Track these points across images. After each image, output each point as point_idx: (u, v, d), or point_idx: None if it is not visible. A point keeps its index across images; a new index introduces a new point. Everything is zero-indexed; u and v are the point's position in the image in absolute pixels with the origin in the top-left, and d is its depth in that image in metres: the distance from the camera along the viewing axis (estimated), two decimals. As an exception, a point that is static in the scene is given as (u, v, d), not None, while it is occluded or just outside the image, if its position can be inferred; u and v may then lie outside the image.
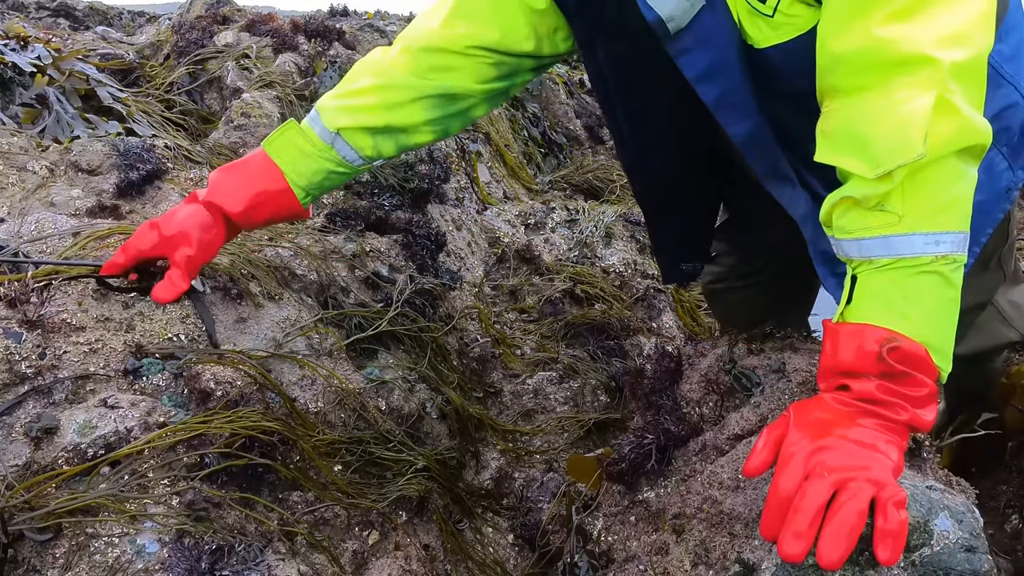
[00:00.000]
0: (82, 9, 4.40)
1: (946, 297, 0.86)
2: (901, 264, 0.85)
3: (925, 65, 0.83)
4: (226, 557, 1.18)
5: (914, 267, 0.85)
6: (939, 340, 0.86)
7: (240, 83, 2.72)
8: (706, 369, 1.46)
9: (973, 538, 0.85)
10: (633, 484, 1.39)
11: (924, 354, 0.83)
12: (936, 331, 0.86)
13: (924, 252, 0.84)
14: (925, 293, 0.86)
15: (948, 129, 0.82)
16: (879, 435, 0.82)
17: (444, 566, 1.60)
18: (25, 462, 1.19)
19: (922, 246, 0.84)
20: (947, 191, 0.85)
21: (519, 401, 2.22)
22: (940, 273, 0.85)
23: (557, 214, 3.19)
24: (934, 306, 0.86)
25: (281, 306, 1.77)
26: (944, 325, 0.87)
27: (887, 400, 0.83)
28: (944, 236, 0.84)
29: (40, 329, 1.36)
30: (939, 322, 0.86)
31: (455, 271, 2.48)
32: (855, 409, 0.84)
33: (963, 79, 0.83)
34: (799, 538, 0.75)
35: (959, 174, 0.85)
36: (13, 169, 1.86)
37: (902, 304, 0.85)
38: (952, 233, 0.84)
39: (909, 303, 0.85)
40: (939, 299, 0.86)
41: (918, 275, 0.85)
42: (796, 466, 0.80)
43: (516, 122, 4.36)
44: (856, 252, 0.90)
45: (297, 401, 1.55)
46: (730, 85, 1.10)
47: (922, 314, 0.85)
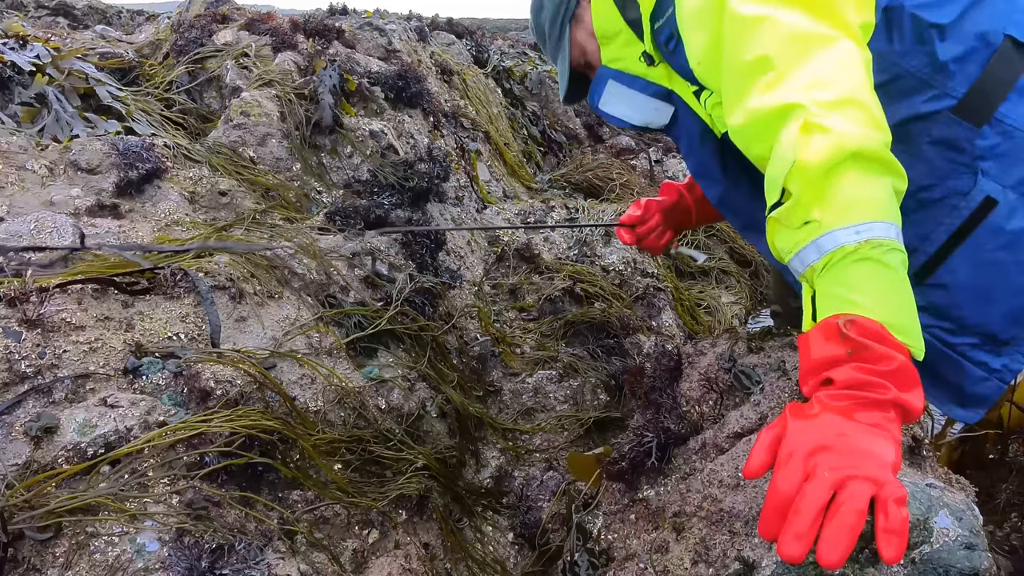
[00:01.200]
0: (81, 8, 4.39)
1: (887, 278, 0.92)
2: (835, 259, 0.93)
3: (792, 109, 1.00)
4: (226, 556, 1.18)
5: (845, 258, 0.92)
6: (893, 317, 0.89)
7: (239, 82, 2.71)
8: (706, 367, 1.46)
9: (973, 535, 0.85)
10: (633, 482, 1.39)
11: (880, 327, 0.88)
12: (886, 309, 0.90)
13: (846, 242, 0.92)
14: (864, 278, 0.92)
15: (823, 142, 0.95)
16: (876, 432, 0.82)
17: (444, 564, 1.60)
18: (25, 461, 1.19)
19: (843, 238, 0.93)
20: (853, 191, 0.95)
21: (519, 399, 2.22)
22: (870, 258, 0.91)
23: (557, 213, 3.20)
24: (876, 287, 0.91)
25: (281, 305, 1.77)
26: (893, 302, 0.91)
27: (867, 380, 0.85)
28: (862, 226, 0.93)
29: (40, 328, 1.36)
30: (886, 300, 0.91)
31: (455, 270, 2.48)
32: (847, 402, 0.85)
33: (838, 109, 0.97)
34: (799, 539, 0.76)
35: (862, 177, 0.95)
36: (12, 168, 1.86)
37: (847, 293, 0.92)
38: (869, 222, 0.93)
39: (852, 290, 0.91)
40: (880, 281, 0.92)
41: (852, 264, 0.92)
42: (795, 467, 0.80)
43: (516, 120, 4.36)
44: (800, 265, 0.99)
45: (297, 400, 1.55)
46: (700, 161, 1.44)
47: (868, 297, 0.90)
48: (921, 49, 1.19)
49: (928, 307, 1.27)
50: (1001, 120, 1.20)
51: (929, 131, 1.22)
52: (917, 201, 1.24)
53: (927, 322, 1.27)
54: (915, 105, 1.22)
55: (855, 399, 0.84)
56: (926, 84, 1.20)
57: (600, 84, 1.49)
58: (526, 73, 4.77)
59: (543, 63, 5.30)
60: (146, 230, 1.85)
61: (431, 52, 3.85)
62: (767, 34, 1.06)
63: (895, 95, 1.22)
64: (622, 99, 1.48)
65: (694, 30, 1.21)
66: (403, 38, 3.55)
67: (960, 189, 1.21)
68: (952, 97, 1.20)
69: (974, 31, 1.20)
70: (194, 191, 2.11)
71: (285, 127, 2.52)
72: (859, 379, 0.85)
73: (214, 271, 1.70)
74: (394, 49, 3.38)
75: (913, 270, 1.24)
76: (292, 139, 2.51)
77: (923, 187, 1.23)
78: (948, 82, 1.20)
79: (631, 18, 1.39)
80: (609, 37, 1.46)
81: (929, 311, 1.28)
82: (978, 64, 1.20)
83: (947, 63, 1.19)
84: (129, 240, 1.78)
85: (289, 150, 2.48)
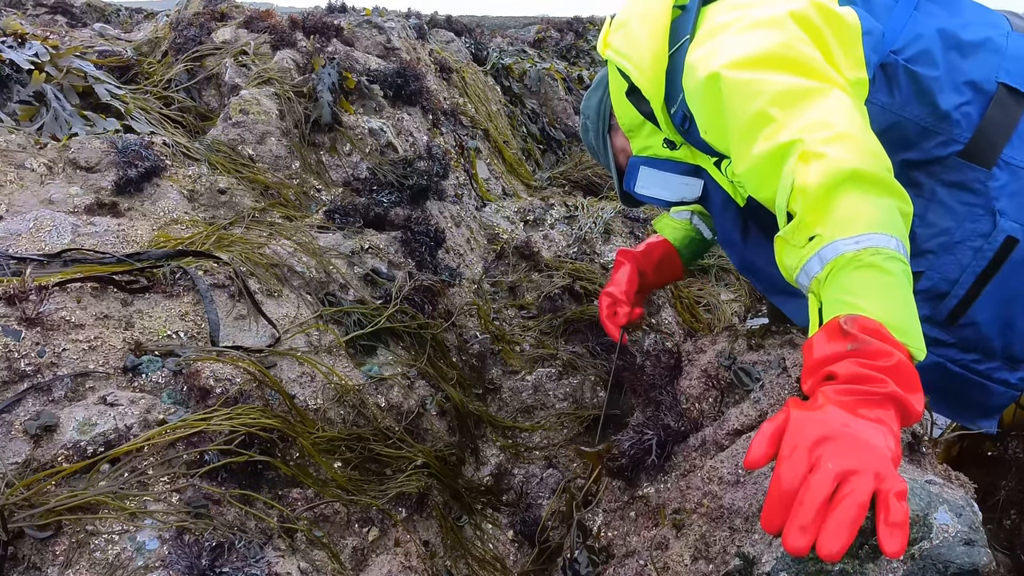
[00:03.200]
0: (79, 6, 4.38)
1: (884, 281, 0.95)
2: (836, 267, 0.98)
3: (791, 145, 1.08)
4: (226, 554, 1.18)
5: (846, 265, 0.97)
6: (892, 318, 0.92)
7: (238, 80, 2.71)
8: (706, 365, 1.46)
9: (972, 532, 0.85)
10: (633, 480, 1.39)
11: (879, 326, 0.90)
12: (885, 310, 0.92)
13: (846, 250, 0.97)
14: (864, 283, 0.96)
15: (819, 166, 1.02)
16: (878, 426, 0.82)
17: (444, 562, 1.60)
18: (25, 459, 1.19)
19: (843, 247, 0.98)
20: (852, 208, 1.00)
21: (518, 397, 2.22)
22: (870, 264, 0.95)
23: (556, 210, 3.19)
24: (875, 290, 0.95)
25: (280, 303, 1.77)
26: (892, 305, 0.94)
27: (867, 374, 0.86)
28: (860, 236, 0.97)
29: (39, 327, 1.36)
30: (886, 303, 0.94)
31: (454, 268, 2.48)
32: (851, 397, 0.86)
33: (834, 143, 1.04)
34: (804, 532, 0.76)
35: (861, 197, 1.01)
36: (11, 167, 1.86)
37: (848, 297, 0.95)
38: (867, 233, 0.97)
39: (853, 294, 0.95)
40: (877, 284, 0.95)
41: (853, 271, 0.96)
42: (799, 459, 0.80)
43: (515, 118, 4.36)
44: (805, 278, 1.04)
45: (296, 398, 1.55)
46: (722, 228, 1.54)
47: (868, 300, 0.94)
48: (921, 100, 1.28)
49: (958, 343, 1.37)
50: (1008, 162, 1.28)
51: (941, 175, 1.31)
52: (940, 245, 1.32)
53: (957, 357, 1.38)
54: (924, 150, 1.31)
55: (858, 394, 0.86)
56: (931, 132, 1.29)
57: (633, 171, 1.63)
58: (525, 71, 4.76)
59: (542, 61, 5.30)
60: (145, 228, 1.84)
61: (430, 50, 3.84)
62: (762, 93, 1.14)
63: (900, 142, 1.31)
64: (655, 181, 1.61)
65: (697, 104, 1.30)
66: (402, 36, 3.54)
67: (981, 231, 1.29)
68: (959, 143, 1.28)
69: (963, 80, 1.30)
70: (193, 189, 2.11)
71: (284, 125, 2.52)
72: (860, 373, 0.86)
73: (213, 269, 1.69)
74: (393, 47, 3.37)
75: (946, 313, 1.36)
76: (291, 137, 2.51)
77: (943, 230, 1.32)
78: (953, 129, 1.29)
79: (646, 111, 1.51)
80: (634, 131, 1.61)
81: (959, 346, 1.37)
82: (978, 111, 1.30)
83: (949, 112, 1.28)
84: (128, 238, 1.78)
85: (288, 148, 2.48)
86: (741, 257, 1.54)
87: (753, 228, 1.50)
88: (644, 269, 1.94)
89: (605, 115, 1.73)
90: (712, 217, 1.62)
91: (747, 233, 1.51)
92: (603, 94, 1.72)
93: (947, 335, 1.37)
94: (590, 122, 1.79)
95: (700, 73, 1.24)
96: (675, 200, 1.61)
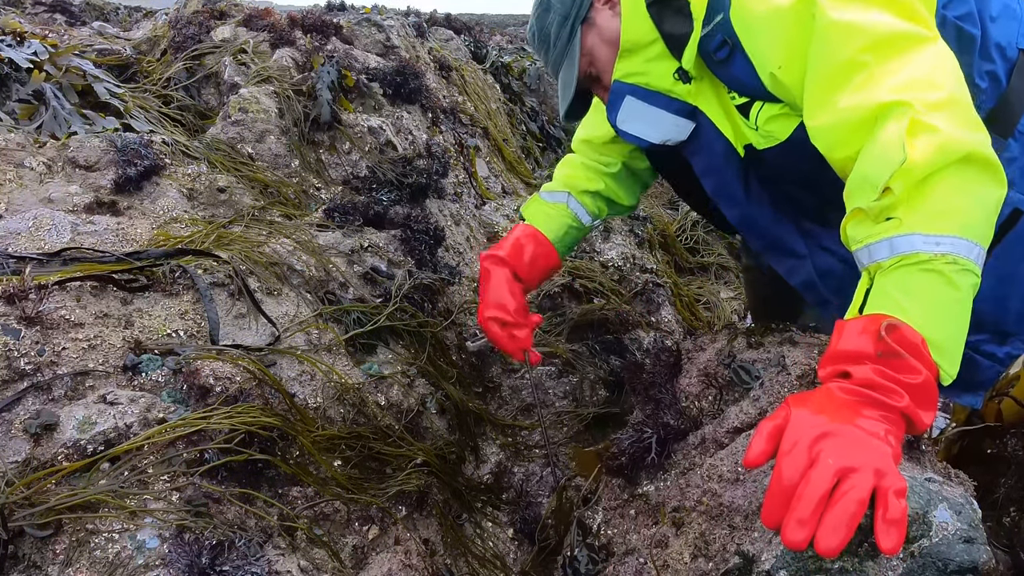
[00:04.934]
0: (78, 4, 4.37)
1: (947, 296, 0.90)
2: (903, 262, 0.91)
3: (894, 107, 0.96)
4: (226, 552, 1.18)
5: (914, 264, 0.90)
6: (938, 336, 0.88)
7: (237, 78, 2.71)
8: (705, 363, 1.46)
9: (972, 529, 0.85)
10: (633, 478, 1.39)
11: (920, 341, 0.86)
12: (935, 327, 0.88)
13: (922, 249, 0.90)
14: (925, 289, 0.89)
15: (930, 142, 0.91)
16: (880, 425, 0.83)
17: (444, 560, 1.60)
18: (25, 458, 1.19)
19: (921, 244, 0.90)
20: (947, 200, 0.91)
21: (518, 396, 2.22)
22: (940, 272, 0.89)
23: (556, 209, 3.19)
24: (933, 303, 0.89)
25: (280, 301, 1.76)
26: (944, 323, 0.89)
27: (884, 384, 0.84)
28: (943, 238, 0.90)
29: (39, 325, 1.36)
30: (939, 319, 0.89)
31: (454, 266, 2.48)
32: (857, 398, 0.85)
33: (943, 110, 0.94)
34: (803, 526, 0.76)
35: (962, 186, 0.92)
36: (11, 165, 1.86)
37: (902, 298, 0.89)
38: (952, 237, 0.90)
39: (908, 297, 0.89)
40: (939, 297, 0.90)
41: (918, 272, 0.90)
42: (800, 454, 0.80)
43: (514, 116, 4.36)
44: (867, 258, 0.96)
45: (296, 397, 1.55)
46: (721, 181, 1.40)
47: (921, 309, 0.88)
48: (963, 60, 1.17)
49: None
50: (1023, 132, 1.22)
51: None
52: None
53: None
54: None
55: (865, 397, 0.85)
56: None
57: (617, 100, 1.40)
58: (524, 69, 4.76)
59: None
60: (144, 227, 1.84)
61: (429, 48, 3.84)
62: (859, 35, 1.02)
63: None
64: (641, 116, 1.39)
65: (770, 33, 1.15)
66: (401, 34, 3.54)
67: None
68: (983, 110, 1.20)
69: (993, 44, 1.21)
70: (192, 188, 2.11)
71: (283, 123, 2.52)
72: (877, 381, 0.85)
73: (213, 268, 1.69)
74: (392, 45, 3.37)
75: None
76: (290, 135, 2.51)
77: None
78: (980, 95, 1.22)
79: (670, 32, 1.30)
80: (634, 49, 1.36)
81: None
82: (1003, 77, 1.22)
83: (981, 76, 1.21)
84: (128, 237, 1.78)
85: (287, 147, 2.48)
86: (741, 212, 1.41)
87: (754, 182, 1.37)
88: (517, 270, 1.69)
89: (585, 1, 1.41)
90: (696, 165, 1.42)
91: (748, 187, 1.38)
92: None
93: None
94: (558, 2, 1.41)
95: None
96: (659, 141, 1.40)
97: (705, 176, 1.43)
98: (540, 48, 1.50)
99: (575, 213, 1.75)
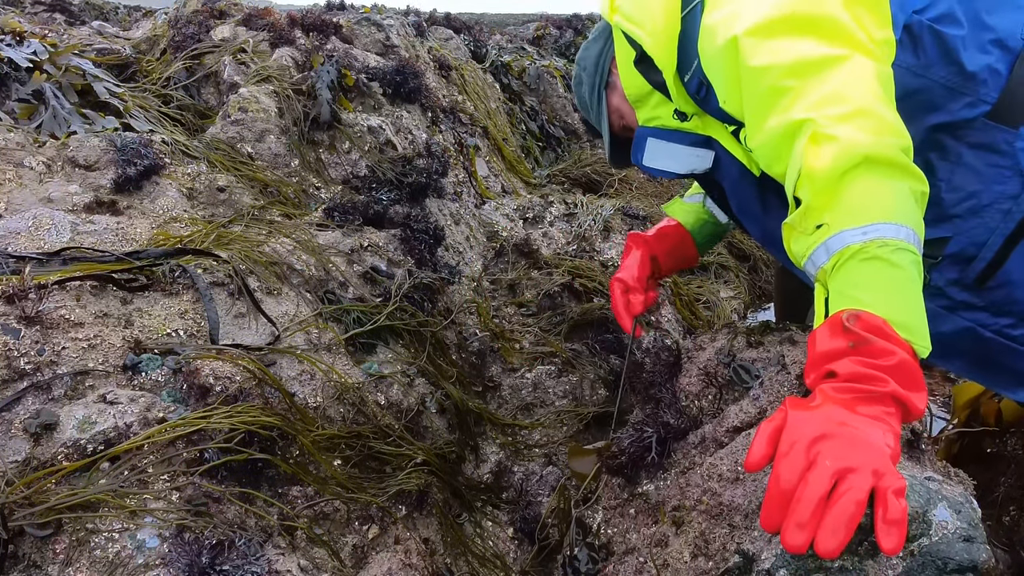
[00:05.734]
0: (78, 4, 4.37)
1: (891, 276, 0.94)
2: (843, 259, 0.96)
3: (802, 124, 1.05)
4: (226, 552, 1.18)
5: (851, 258, 0.95)
6: (897, 315, 0.91)
7: (237, 78, 2.71)
8: (705, 362, 1.46)
9: (971, 528, 0.85)
10: (633, 477, 1.39)
11: (882, 323, 0.89)
12: (890, 307, 0.91)
13: (852, 242, 0.95)
14: (868, 276, 0.94)
15: (828, 150, 0.99)
16: (876, 423, 0.83)
17: (444, 560, 1.60)
18: (25, 458, 1.19)
19: (850, 238, 0.96)
20: (862, 197, 0.98)
21: (518, 395, 2.22)
22: (877, 256, 0.94)
23: (555, 208, 3.19)
24: (881, 285, 0.94)
25: (280, 301, 1.76)
26: (897, 301, 0.92)
27: (866, 373, 0.86)
28: (869, 228, 0.95)
29: (39, 325, 1.36)
30: (891, 299, 0.92)
31: (453, 265, 2.48)
32: (849, 395, 0.86)
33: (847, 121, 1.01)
34: (802, 528, 0.76)
35: (873, 184, 0.98)
36: (10, 165, 1.86)
37: (853, 291, 0.94)
38: (876, 224, 0.95)
39: (858, 288, 0.94)
40: (886, 279, 0.94)
41: (858, 263, 0.95)
42: (797, 456, 0.80)
43: (514, 116, 4.36)
44: (813, 267, 1.03)
45: (296, 396, 1.55)
46: (741, 200, 1.48)
47: (871, 295, 0.92)
48: (947, 60, 1.23)
49: (989, 307, 1.34)
50: None
51: (967, 137, 1.26)
52: (968, 209, 1.28)
53: (989, 321, 1.35)
54: (952, 112, 1.25)
55: (857, 392, 0.85)
56: (958, 92, 1.24)
57: (640, 143, 1.54)
58: (524, 68, 4.76)
59: (541, 58, 5.29)
60: (144, 226, 1.84)
61: (429, 47, 3.84)
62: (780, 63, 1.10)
63: (927, 105, 1.27)
64: (663, 153, 1.53)
65: (715, 72, 1.25)
66: (401, 33, 3.54)
67: (1009, 193, 1.25)
68: (986, 103, 1.23)
69: (989, 38, 1.24)
70: (192, 187, 2.11)
71: (283, 123, 2.52)
72: (859, 372, 0.86)
73: (213, 267, 1.69)
74: (392, 44, 3.37)
75: (974, 276, 1.32)
76: (290, 135, 2.50)
77: (971, 194, 1.28)
78: (980, 89, 1.24)
79: (656, 81, 1.43)
80: (640, 101, 1.52)
81: (990, 310, 1.34)
82: (1005, 70, 1.24)
83: (976, 72, 1.23)
84: (128, 237, 1.78)
85: (287, 146, 2.48)
86: (762, 229, 1.49)
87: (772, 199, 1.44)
88: (656, 254, 1.84)
89: (604, 70, 1.62)
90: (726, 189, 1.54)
91: (766, 204, 1.45)
92: (603, 47, 1.60)
93: (977, 298, 1.34)
94: (586, 75, 1.65)
95: (719, 39, 1.19)
96: (684, 172, 1.53)
97: (730, 197, 1.53)
98: (584, 112, 1.75)
99: (711, 211, 1.89)
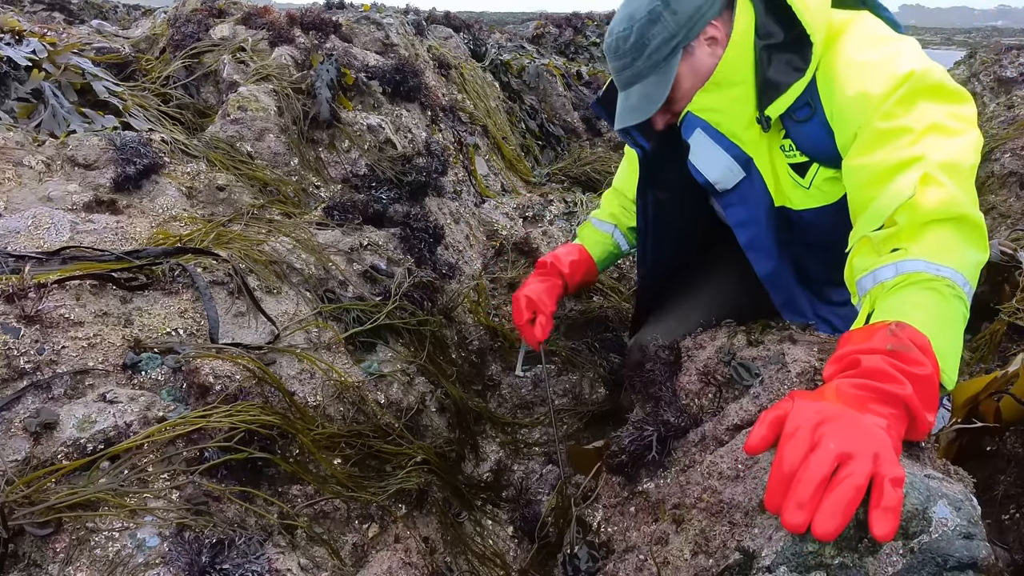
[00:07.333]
0: (77, 3, 4.37)
1: (946, 311, 0.98)
2: (908, 280, 1.01)
3: (915, 160, 1.11)
4: (226, 550, 1.18)
5: (918, 283, 1.00)
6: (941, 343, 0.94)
7: (236, 76, 2.70)
8: (705, 361, 1.46)
9: (971, 525, 0.85)
10: (633, 475, 1.39)
11: (927, 341, 0.92)
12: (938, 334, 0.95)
13: (925, 271, 1.01)
14: (928, 303, 0.98)
15: (937, 194, 1.05)
16: (881, 419, 0.84)
17: (444, 558, 1.60)
18: (24, 457, 1.19)
19: (924, 267, 1.01)
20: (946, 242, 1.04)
21: (518, 393, 2.22)
22: (940, 291, 0.99)
23: (555, 206, 3.19)
24: (935, 313, 0.97)
25: (280, 300, 1.76)
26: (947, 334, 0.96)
27: (890, 373, 0.88)
28: (943, 267, 1.01)
29: (38, 324, 1.36)
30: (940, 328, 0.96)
31: (453, 264, 2.48)
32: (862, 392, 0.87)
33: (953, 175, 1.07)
34: (802, 508, 0.77)
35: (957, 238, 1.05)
36: (9, 164, 1.85)
37: (906, 308, 0.98)
38: (951, 268, 1.01)
39: (913, 307, 0.97)
40: (940, 310, 0.98)
41: (921, 289, 1.00)
42: (802, 438, 0.82)
43: (514, 114, 4.36)
44: (871, 282, 1.07)
45: (296, 395, 1.55)
46: (758, 233, 1.47)
47: (926, 317, 0.96)
48: None
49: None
50: None
51: None
52: None
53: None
54: None
55: (872, 390, 0.88)
56: None
57: (690, 129, 1.44)
58: (524, 67, 4.76)
59: (540, 56, 5.29)
60: (144, 226, 1.84)
61: (428, 46, 3.84)
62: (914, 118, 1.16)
63: None
64: (706, 153, 1.44)
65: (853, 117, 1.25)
66: (400, 32, 3.53)
67: None
68: None
69: None
70: (192, 186, 2.11)
71: (282, 122, 2.51)
72: (884, 369, 0.88)
73: (212, 266, 1.69)
74: (391, 43, 3.37)
75: None
76: (289, 134, 2.50)
77: None
78: None
79: (771, 77, 1.33)
80: (723, 86, 1.37)
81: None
82: None
83: None
84: (127, 236, 1.77)
85: (287, 145, 2.48)
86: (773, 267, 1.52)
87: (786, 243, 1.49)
88: (569, 286, 2.01)
89: (697, 27, 1.37)
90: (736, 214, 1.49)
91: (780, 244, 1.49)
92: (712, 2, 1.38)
93: None
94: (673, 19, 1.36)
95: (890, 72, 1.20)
96: (711, 181, 1.46)
97: (743, 227, 1.49)
98: (628, 54, 1.42)
99: (617, 243, 2.09)
